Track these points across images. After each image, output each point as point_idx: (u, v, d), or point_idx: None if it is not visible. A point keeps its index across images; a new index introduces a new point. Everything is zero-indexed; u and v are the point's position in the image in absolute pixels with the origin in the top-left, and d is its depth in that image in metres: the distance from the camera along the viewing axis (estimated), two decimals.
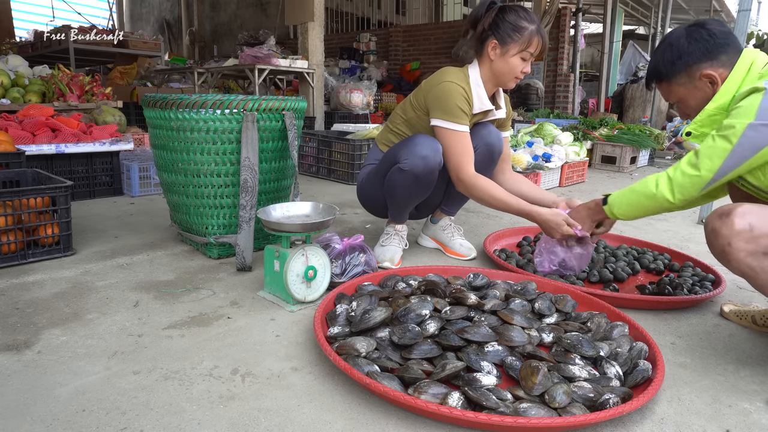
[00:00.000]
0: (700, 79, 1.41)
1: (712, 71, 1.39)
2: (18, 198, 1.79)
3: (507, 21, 1.72)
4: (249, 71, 4.94)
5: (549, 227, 1.69)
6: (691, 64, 1.41)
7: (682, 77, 1.44)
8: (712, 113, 1.41)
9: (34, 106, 3.25)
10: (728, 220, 1.17)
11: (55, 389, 1.09)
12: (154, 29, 12.69)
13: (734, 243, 1.16)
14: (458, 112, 1.74)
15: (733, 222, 1.16)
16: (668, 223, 2.91)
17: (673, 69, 1.45)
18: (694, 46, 1.41)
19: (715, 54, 1.39)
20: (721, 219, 1.19)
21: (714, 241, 1.21)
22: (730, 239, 1.16)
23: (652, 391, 1.06)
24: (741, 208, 1.18)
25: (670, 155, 6.57)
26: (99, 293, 1.60)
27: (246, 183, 1.78)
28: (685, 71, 1.43)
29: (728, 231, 1.17)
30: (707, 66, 1.40)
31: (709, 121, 1.42)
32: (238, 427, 0.99)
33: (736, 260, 1.17)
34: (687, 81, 1.44)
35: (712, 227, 1.21)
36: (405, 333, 1.21)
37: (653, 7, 10.61)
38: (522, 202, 1.74)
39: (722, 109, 1.39)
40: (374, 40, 9.60)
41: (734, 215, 1.17)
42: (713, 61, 1.39)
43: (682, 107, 1.51)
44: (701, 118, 1.43)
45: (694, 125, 1.45)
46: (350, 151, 3.70)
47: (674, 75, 1.45)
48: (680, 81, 1.45)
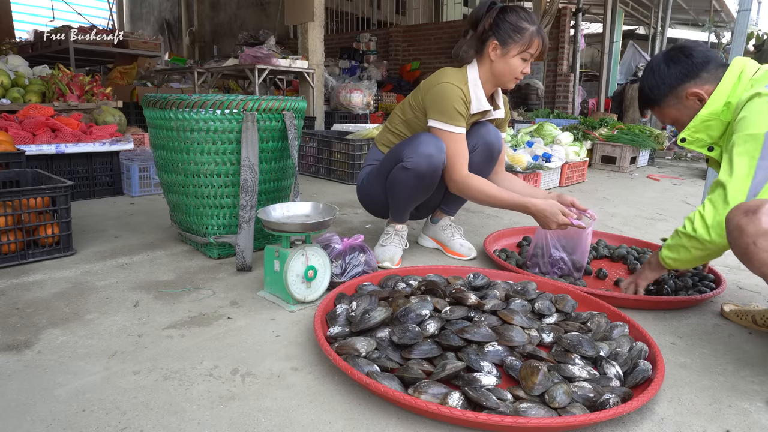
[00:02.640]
0: (687, 98, 1.46)
1: (697, 89, 1.44)
2: (18, 198, 1.79)
3: (508, 22, 1.73)
4: (249, 71, 4.94)
5: (544, 217, 1.70)
6: (675, 85, 1.47)
7: (671, 99, 1.49)
8: (705, 119, 1.44)
9: (34, 106, 3.25)
10: (755, 217, 1.10)
11: (55, 389, 1.09)
12: (154, 29, 12.69)
13: (759, 242, 1.10)
14: (455, 114, 1.74)
15: (761, 220, 1.10)
16: (668, 223, 2.91)
17: (659, 93, 1.50)
18: (673, 69, 1.46)
19: (696, 72, 1.44)
20: (747, 216, 1.12)
21: (738, 239, 1.14)
22: (756, 238, 1.10)
23: (652, 391, 1.06)
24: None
25: (670, 155, 6.58)
26: (99, 293, 1.60)
27: (246, 183, 1.78)
28: (671, 93, 1.48)
29: (755, 229, 1.10)
30: (691, 85, 1.45)
31: (703, 126, 1.46)
32: (238, 427, 0.99)
33: (759, 260, 1.11)
34: (675, 102, 1.49)
35: (736, 223, 1.14)
36: (405, 333, 1.21)
37: (653, 7, 10.62)
38: (516, 196, 1.76)
39: (715, 114, 1.42)
40: (374, 40, 9.60)
41: (762, 212, 1.10)
42: (696, 80, 1.44)
43: (678, 127, 1.55)
44: (695, 124, 1.46)
45: (688, 131, 1.49)
46: (350, 151, 3.70)
47: (662, 98, 1.50)
48: (669, 103, 1.50)
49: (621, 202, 3.48)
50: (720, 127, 1.43)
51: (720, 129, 1.44)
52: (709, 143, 1.48)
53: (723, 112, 1.41)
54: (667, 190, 4.11)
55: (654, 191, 4.01)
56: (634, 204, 3.44)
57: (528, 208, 1.72)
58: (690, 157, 6.33)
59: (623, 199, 3.63)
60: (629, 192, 3.93)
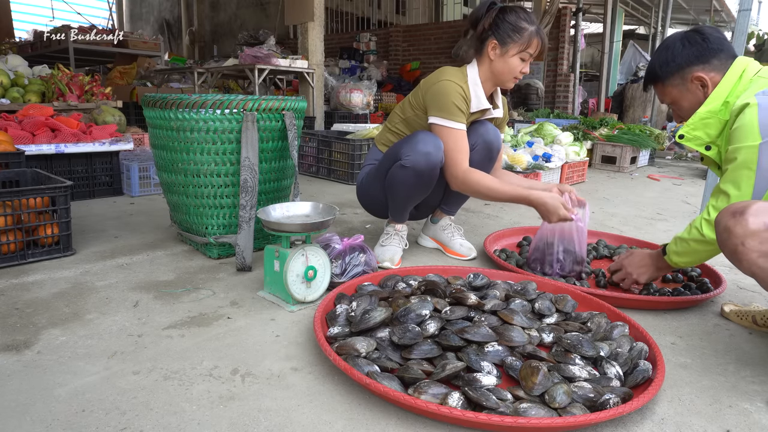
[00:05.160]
0: (692, 82, 1.47)
1: (704, 74, 1.44)
2: (18, 198, 1.79)
3: (507, 22, 1.74)
4: (249, 71, 4.94)
5: (547, 210, 1.71)
6: (683, 66, 1.47)
7: (676, 79, 1.50)
8: (704, 116, 1.45)
9: (33, 106, 3.25)
10: (743, 218, 1.12)
11: (55, 389, 1.09)
12: (154, 29, 12.69)
13: (748, 243, 1.11)
14: (455, 110, 1.75)
15: (748, 221, 1.11)
16: (668, 223, 2.91)
17: (667, 70, 1.50)
18: (687, 50, 1.46)
19: (708, 58, 1.44)
20: (734, 217, 1.14)
21: (726, 240, 1.16)
22: (743, 239, 1.12)
23: (652, 392, 1.06)
24: (755, 206, 1.13)
25: (671, 155, 6.57)
26: (99, 293, 1.60)
27: (246, 183, 1.78)
28: (678, 73, 1.48)
29: (742, 230, 1.12)
30: (699, 69, 1.45)
31: (702, 124, 1.46)
32: (238, 427, 0.99)
33: (747, 261, 1.13)
34: (680, 83, 1.49)
35: (725, 225, 1.16)
36: (405, 333, 1.21)
37: (653, 7, 10.62)
38: (518, 188, 1.77)
39: (714, 113, 1.44)
40: (374, 40, 9.60)
41: (748, 214, 1.12)
42: (705, 65, 1.44)
43: (675, 109, 1.56)
44: (693, 121, 1.47)
45: (687, 128, 1.49)
46: (350, 151, 3.69)
47: (668, 76, 1.51)
48: (674, 83, 1.51)
49: (621, 202, 3.48)
50: (718, 125, 1.44)
51: (718, 128, 1.44)
52: (706, 142, 1.48)
53: (721, 110, 1.42)
54: (668, 190, 4.11)
55: (654, 191, 4.01)
56: (634, 204, 3.44)
57: (531, 200, 1.73)
58: (690, 157, 6.33)
59: (623, 199, 3.63)
60: (629, 192, 3.93)
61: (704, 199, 2.90)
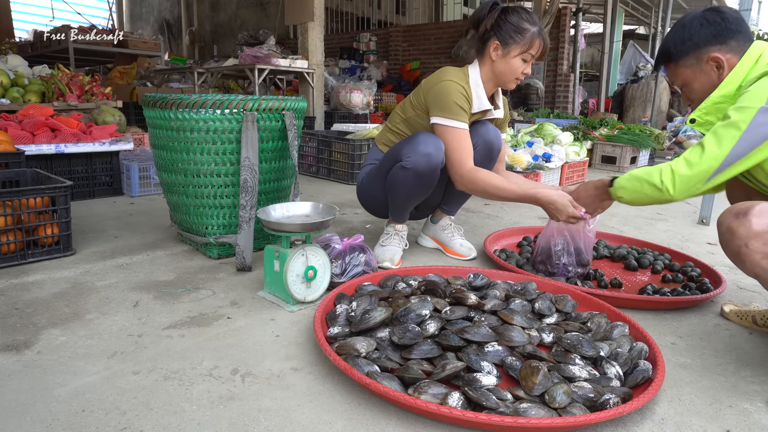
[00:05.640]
0: (707, 62, 1.39)
1: (720, 55, 1.37)
2: (18, 198, 1.79)
3: (509, 22, 1.73)
4: (249, 71, 4.94)
5: (555, 208, 1.66)
6: (700, 45, 1.39)
7: (690, 58, 1.42)
8: (717, 101, 1.38)
9: (33, 106, 3.25)
10: (746, 219, 1.11)
11: (55, 389, 1.09)
12: (154, 29, 12.69)
13: (751, 244, 1.10)
14: (457, 110, 1.74)
15: (751, 222, 1.10)
16: (668, 223, 2.91)
17: (682, 49, 1.43)
18: (705, 29, 1.39)
19: (725, 38, 1.37)
20: (738, 219, 1.13)
21: (729, 241, 1.15)
22: (747, 240, 1.11)
23: (652, 392, 1.06)
24: (758, 207, 1.12)
25: (671, 155, 6.57)
26: (99, 293, 1.60)
27: (246, 183, 1.78)
28: (694, 52, 1.41)
29: (746, 231, 1.11)
30: (716, 49, 1.38)
31: (714, 108, 1.40)
32: (238, 427, 0.99)
33: (751, 262, 1.12)
34: (694, 63, 1.42)
35: (728, 226, 1.15)
36: (405, 333, 1.21)
37: (653, 7, 10.62)
38: (525, 187, 1.74)
39: (728, 98, 1.36)
40: (374, 40, 9.60)
41: (752, 215, 1.11)
42: (722, 45, 1.37)
43: (686, 91, 1.49)
44: (706, 105, 1.41)
45: (699, 112, 1.43)
46: (350, 151, 3.69)
47: (683, 55, 1.43)
48: (688, 62, 1.43)
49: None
50: None
51: None
52: None
53: (735, 95, 1.36)
54: None
55: None
56: None
57: (538, 199, 1.68)
58: None
59: None
60: None
61: (704, 199, 2.90)
